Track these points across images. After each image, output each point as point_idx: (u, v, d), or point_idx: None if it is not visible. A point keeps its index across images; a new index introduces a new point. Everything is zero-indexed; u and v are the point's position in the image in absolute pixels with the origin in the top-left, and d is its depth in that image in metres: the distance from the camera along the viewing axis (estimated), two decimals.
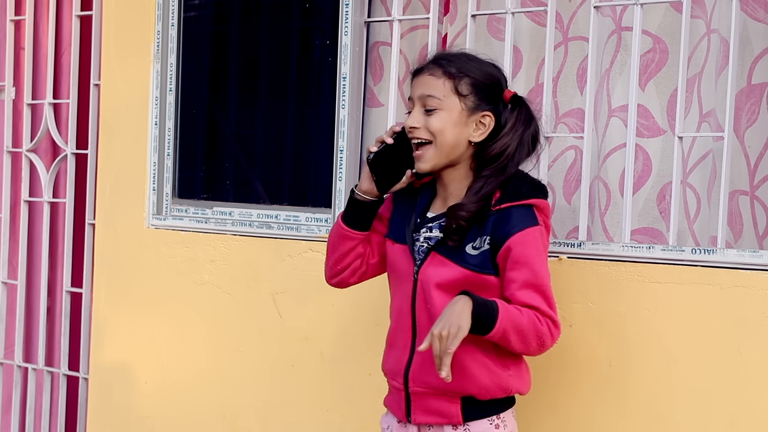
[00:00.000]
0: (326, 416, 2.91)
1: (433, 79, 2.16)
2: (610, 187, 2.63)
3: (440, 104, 2.15)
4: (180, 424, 3.23)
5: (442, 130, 2.15)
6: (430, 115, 2.16)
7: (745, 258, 2.28)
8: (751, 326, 2.24)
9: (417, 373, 2.17)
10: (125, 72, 3.36)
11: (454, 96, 2.15)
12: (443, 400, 2.15)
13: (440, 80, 2.16)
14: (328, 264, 2.35)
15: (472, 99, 2.16)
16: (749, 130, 2.52)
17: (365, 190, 2.26)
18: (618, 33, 2.64)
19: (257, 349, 3.05)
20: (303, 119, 3.23)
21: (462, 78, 2.15)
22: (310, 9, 3.21)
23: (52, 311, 3.82)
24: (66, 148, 3.66)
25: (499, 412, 2.17)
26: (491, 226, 2.12)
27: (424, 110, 2.17)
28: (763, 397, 2.23)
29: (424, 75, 2.18)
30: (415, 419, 2.19)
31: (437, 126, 2.15)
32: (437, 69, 2.17)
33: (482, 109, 2.17)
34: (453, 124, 2.15)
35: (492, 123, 2.17)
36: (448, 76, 2.16)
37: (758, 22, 2.51)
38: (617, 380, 2.41)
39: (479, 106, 2.16)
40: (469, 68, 2.17)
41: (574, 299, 2.46)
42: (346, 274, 2.33)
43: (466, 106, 2.16)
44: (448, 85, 2.15)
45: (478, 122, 2.17)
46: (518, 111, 2.19)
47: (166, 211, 3.30)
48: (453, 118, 2.15)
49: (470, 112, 2.16)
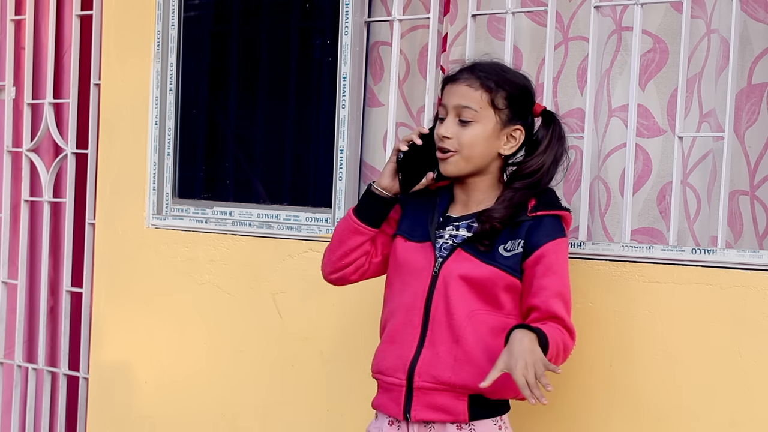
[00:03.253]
0: (326, 416, 2.91)
1: (471, 91, 2.18)
2: (611, 187, 2.63)
3: (476, 116, 2.17)
4: (180, 423, 3.23)
5: (473, 143, 2.17)
6: (464, 126, 2.18)
7: (745, 258, 2.28)
8: (752, 326, 2.24)
9: (426, 368, 2.16)
10: (125, 72, 3.36)
11: (490, 109, 2.18)
12: (450, 397, 2.14)
13: (478, 92, 2.17)
14: (331, 258, 2.33)
15: (507, 113, 2.19)
16: (749, 130, 2.52)
17: (385, 186, 2.25)
18: (618, 33, 2.64)
19: (257, 349, 3.05)
20: (303, 119, 3.23)
21: (499, 91, 2.18)
22: (310, 9, 3.21)
23: (53, 311, 3.82)
24: (66, 148, 3.66)
25: (500, 413, 2.19)
26: (525, 231, 2.16)
27: (458, 120, 2.19)
28: (763, 397, 2.23)
29: (460, 85, 2.19)
30: (414, 416, 2.17)
31: (470, 139, 2.17)
32: (475, 80, 2.18)
33: (514, 123, 2.20)
34: (485, 138, 2.18)
35: (522, 137, 2.22)
36: (485, 89, 2.17)
37: (758, 22, 2.51)
38: (617, 380, 2.41)
39: (512, 119, 2.20)
40: (505, 81, 2.20)
41: (574, 299, 2.44)
42: (348, 270, 2.32)
43: (500, 119, 2.19)
44: (486, 98, 2.17)
45: (509, 135, 2.21)
46: (552, 128, 2.23)
47: (166, 210, 3.30)
48: (487, 131, 2.18)
49: (503, 126, 2.19)
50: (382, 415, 2.27)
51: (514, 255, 2.15)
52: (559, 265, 2.15)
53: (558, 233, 2.17)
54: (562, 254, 2.17)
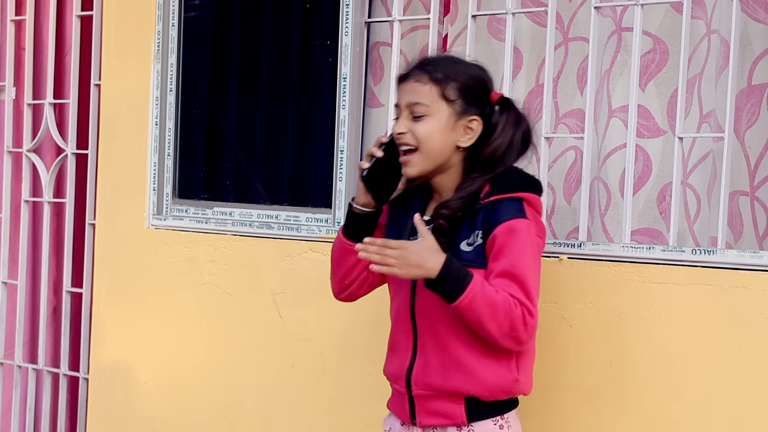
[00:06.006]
0: (326, 416, 2.91)
1: (419, 86, 2.14)
2: (611, 188, 2.63)
3: (428, 110, 2.13)
4: (180, 424, 3.23)
5: (428, 137, 2.12)
6: (417, 121, 2.14)
7: (745, 258, 2.28)
8: (752, 327, 2.24)
9: (419, 376, 2.16)
10: (126, 72, 3.36)
11: (441, 101, 2.13)
12: (447, 402, 2.15)
13: (427, 86, 2.13)
14: (334, 280, 2.33)
15: (460, 104, 2.14)
16: (749, 131, 2.52)
17: (363, 203, 2.23)
18: (618, 33, 2.64)
19: (257, 350, 3.05)
20: (303, 119, 3.23)
21: (449, 83, 2.13)
22: (310, 9, 3.21)
23: (55, 311, 3.82)
24: (66, 148, 3.66)
25: (503, 412, 2.17)
26: (481, 219, 2.11)
27: (411, 117, 2.14)
28: (763, 398, 2.23)
29: (410, 82, 2.16)
30: (420, 422, 2.19)
31: (424, 133, 2.13)
32: (423, 75, 2.14)
33: (470, 114, 2.15)
34: (440, 131, 2.13)
35: (480, 127, 2.16)
36: (434, 82, 2.13)
37: (758, 22, 2.51)
38: (618, 381, 2.41)
39: (467, 110, 2.14)
40: (455, 72, 2.15)
41: (574, 299, 2.46)
42: (354, 287, 2.32)
43: (454, 111, 2.14)
44: (435, 91, 2.13)
45: (465, 127, 2.15)
46: (507, 113, 2.17)
47: (167, 211, 3.30)
48: (441, 124, 2.13)
49: (458, 117, 2.14)
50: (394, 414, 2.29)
51: (476, 247, 2.10)
52: (511, 246, 2.06)
53: (513, 215, 2.08)
54: (515, 235, 2.07)
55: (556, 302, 2.47)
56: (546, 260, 2.49)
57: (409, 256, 2.03)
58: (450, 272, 2.02)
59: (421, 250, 2.04)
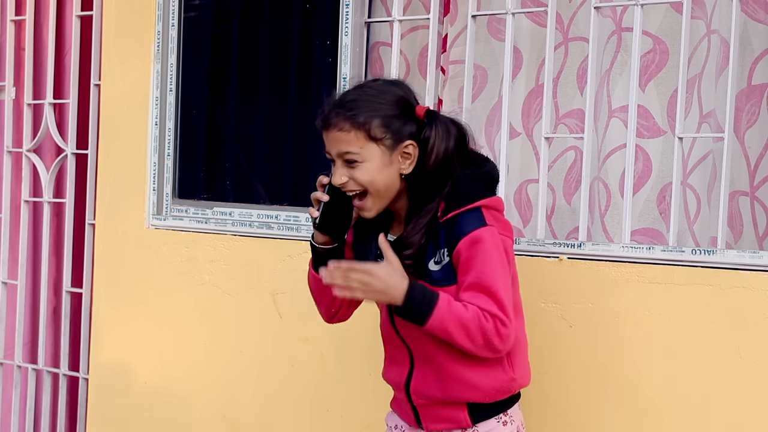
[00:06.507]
0: (326, 416, 2.91)
1: (343, 135, 2.07)
2: (610, 188, 2.63)
3: (360, 156, 2.07)
4: (180, 424, 3.23)
5: (371, 180, 2.08)
6: (353, 167, 2.09)
7: (745, 259, 2.28)
8: (751, 327, 2.24)
9: (418, 387, 2.17)
10: (125, 72, 3.36)
11: (370, 143, 2.07)
12: (450, 409, 2.15)
13: (351, 133, 2.07)
14: (321, 309, 2.32)
15: (389, 138, 2.07)
16: (749, 131, 2.52)
17: (323, 242, 2.21)
18: (618, 33, 2.64)
19: (257, 350, 3.05)
20: (303, 119, 3.23)
21: (372, 122, 2.06)
22: (310, 9, 3.21)
23: (55, 311, 3.82)
24: (66, 148, 3.66)
25: (505, 409, 2.17)
26: (444, 236, 2.08)
27: (346, 164, 2.09)
28: (763, 398, 2.23)
29: (332, 131, 2.09)
30: (426, 427, 2.20)
31: (365, 178, 2.08)
32: (344, 122, 2.07)
33: (402, 141, 2.09)
34: (379, 170, 2.08)
35: (416, 150, 2.10)
36: (357, 127, 2.06)
37: (758, 22, 2.51)
38: (617, 381, 2.41)
39: (397, 140, 2.08)
40: (375, 108, 2.07)
41: (574, 300, 2.46)
42: (342, 312, 2.31)
43: (386, 146, 2.07)
44: (361, 136, 2.06)
45: (402, 154, 2.10)
46: (435, 126, 2.11)
47: (166, 211, 3.30)
48: (376, 164, 2.07)
49: (391, 150, 2.08)
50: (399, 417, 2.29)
51: (444, 266, 2.07)
52: (475, 259, 2.03)
53: (472, 225, 2.04)
54: (478, 246, 2.03)
55: (556, 302, 2.47)
56: (546, 260, 2.49)
57: (373, 283, 2.00)
58: (414, 298, 2.00)
59: (386, 276, 2.01)
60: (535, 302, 2.47)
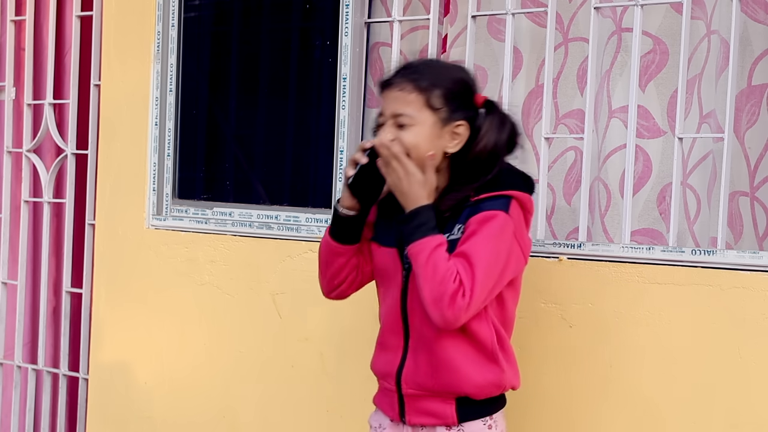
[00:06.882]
0: (326, 417, 2.91)
1: (403, 95, 2.11)
2: (610, 188, 2.63)
3: (413, 120, 2.10)
4: (180, 424, 3.23)
5: (416, 144, 2.10)
6: (403, 129, 2.11)
7: (745, 259, 2.28)
8: (751, 327, 2.24)
9: (410, 376, 2.16)
10: (125, 72, 3.36)
11: (426, 110, 2.10)
12: (437, 402, 2.14)
13: (411, 95, 2.10)
14: (323, 280, 2.32)
15: (445, 111, 2.11)
16: (749, 131, 2.52)
17: (349, 206, 2.22)
18: (618, 34, 2.64)
19: (257, 350, 3.05)
20: (303, 120, 3.23)
21: (433, 91, 2.10)
22: (310, 9, 3.21)
23: (55, 312, 3.82)
24: (66, 149, 3.66)
25: (492, 412, 2.17)
26: (466, 215, 2.10)
27: (396, 125, 2.12)
28: (763, 399, 2.23)
29: (393, 90, 2.13)
30: (409, 420, 2.18)
31: (411, 141, 2.10)
32: (407, 83, 2.11)
33: (456, 119, 2.12)
34: (427, 139, 2.10)
35: (467, 132, 2.14)
36: (419, 91, 2.10)
37: (758, 23, 2.51)
38: (617, 381, 2.41)
39: (452, 116, 2.12)
40: (439, 79, 2.12)
41: (574, 300, 2.46)
42: (344, 287, 2.31)
43: (439, 118, 2.11)
44: (420, 100, 2.10)
45: (452, 133, 2.13)
46: (492, 116, 2.15)
47: (166, 211, 3.30)
48: (426, 132, 2.10)
49: (444, 124, 2.12)
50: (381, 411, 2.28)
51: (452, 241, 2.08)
52: (479, 233, 2.04)
53: (492, 206, 2.07)
54: (488, 224, 2.05)
55: (556, 302, 2.47)
56: (546, 260, 2.49)
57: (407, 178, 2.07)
58: (421, 215, 2.06)
59: (417, 182, 2.08)
60: (535, 302, 2.47)
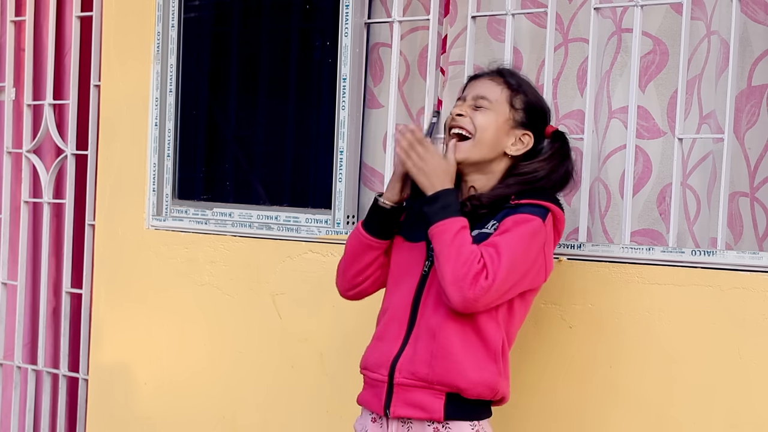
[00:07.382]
0: (326, 417, 2.91)
1: (492, 84, 2.25)
2: (610, 189, 2.63)
3: (491, 106, 2.22)
4: (180, 424, 3.23)
5: (485, 127, 2.21)
6: (478, 111, 2.22)
7: (745, 260, 2.28)
8: (751, 328, 2.24)
9: (406, 364, 2.16)
10: (125, 73, 3.36)
11: (506, 104, 2.23)
12: (428, 394, 2.14)
13: (498, 87, 2.24)
14: (346, 276, 2.33)
15: (521, 114, 2.24)
16: (749, 132, 2.52)
17: (392, 198, 2.26)
18: (618, 34, 2.64)
19: (257, 350, 3.05)
20: (303, 120, 3.23)
21: (519, 93, 2.24)
22: (310, 10, 3.22)
23: (54, 312, 3.82)
24: (66, 149, 3.66)
25: (479, 418, 2.17)
26: (502, 215, 2.15)
27: (473, 107, 2.23)
28: (763, 399, 2.23)
29: (483, 79, 2.27)
30: (393, 412, 2.17)
31: (482, 122, 2.21)
32: (498, 77, 2.26)
33: (525, 128, 2.24)
34: (497, 127, 2.21)
35: (530, 143, 2.24)
36: (507, 86, 2.24)
37: (758, 23, 2.51)
38: (618, 382, 2.41)
39: (524, 123, 2.24)
40: (528, 89, 2.27)
41: (574, 300, 2.46)
42: (366, 285, 2.33)
43: (513, 118, 2.23)
44: (505, 94, 2.23)
45: (518, 137, 2.23)
46: (558, 144, 2.26)
47: (166, 212, 3.30)
48: (499, 121, 2.22)
49: (515, 125, 2.23)
50: (366, 411, 2.28)
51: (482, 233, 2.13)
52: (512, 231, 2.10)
53: (525, 211, 2.14)
54: (522, 225, 2.11)
55: (557, 303, 2.47)
56: None
57: (429, 161, 2.15)
58: (446, 197, 2.12)
59: (440, 165, 2.16)
60: (535, 303, 2.46)
